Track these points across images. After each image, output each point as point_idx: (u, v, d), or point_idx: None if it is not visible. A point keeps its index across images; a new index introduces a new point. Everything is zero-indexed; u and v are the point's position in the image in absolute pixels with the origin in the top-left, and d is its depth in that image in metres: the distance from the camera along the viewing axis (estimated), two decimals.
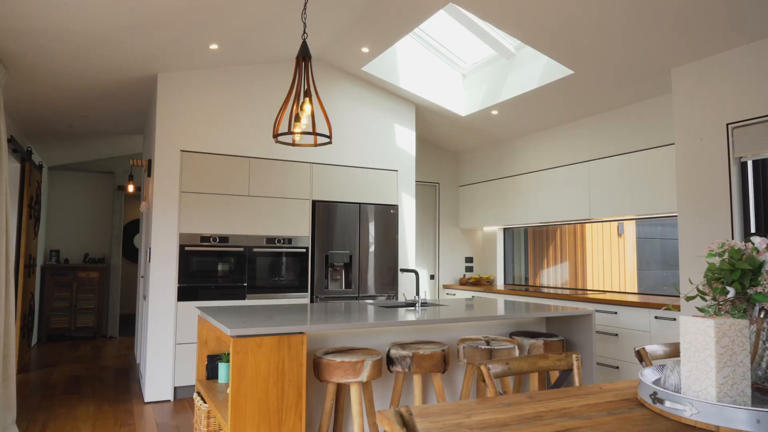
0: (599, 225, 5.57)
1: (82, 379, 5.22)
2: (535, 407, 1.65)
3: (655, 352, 2.17)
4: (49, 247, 7.74)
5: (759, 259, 1.65)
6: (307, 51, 3.29)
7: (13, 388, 3.62)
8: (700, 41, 3.61)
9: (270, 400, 2.57)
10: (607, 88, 4.57)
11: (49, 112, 5.05)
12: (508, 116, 5.62)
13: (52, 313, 7.43)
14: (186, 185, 4.67)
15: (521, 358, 1.99)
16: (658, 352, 2.17)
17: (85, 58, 4.00)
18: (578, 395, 1.80)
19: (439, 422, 1.50)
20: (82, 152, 7.26)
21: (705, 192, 3.77)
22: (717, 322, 1.52)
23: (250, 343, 2.54)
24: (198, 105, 4.76)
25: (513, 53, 5.14)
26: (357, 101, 5.54)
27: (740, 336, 1.53)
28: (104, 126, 5.93)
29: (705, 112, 3.79)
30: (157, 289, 4.53)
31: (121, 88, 4.79)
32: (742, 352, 1.53)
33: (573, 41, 3.93)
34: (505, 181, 6.28)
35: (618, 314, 4.46)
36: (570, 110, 5.19)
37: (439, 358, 2.95)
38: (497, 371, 1.90)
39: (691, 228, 3.83)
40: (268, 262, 4.97)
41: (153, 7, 3.40)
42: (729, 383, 1.51)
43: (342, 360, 2.72)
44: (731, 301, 1.70)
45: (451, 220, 7.01)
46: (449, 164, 7.11)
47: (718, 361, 1.50)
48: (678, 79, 4.00)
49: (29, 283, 5.99)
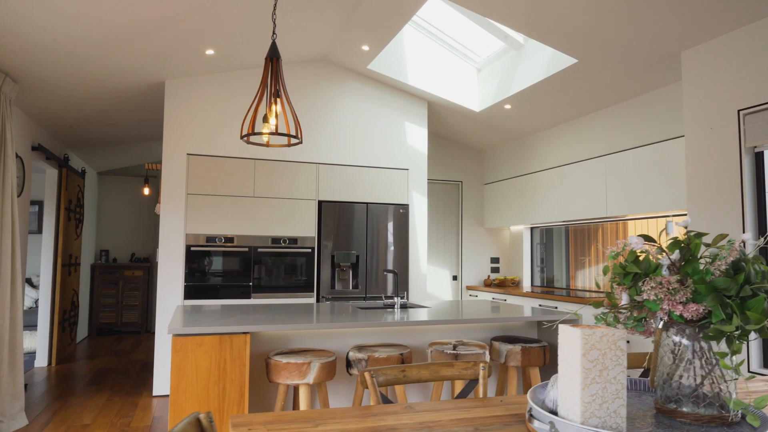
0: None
1: (108, 372, 5.54)
2: (401, 419, 1.54)
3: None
4: (99, 247, 8.30)
5: (654, 261, 1.44)
6: (276, 51, 3.28)
7: (21, 377, 3.90)
8: (710, 19, 3.25)
9: (211, 398, 2.58)
10: (616, 75, 4.24)
11: (77, 120, 5.40)
12: (521, 110, 5.36)
13: (101, 309, 7.95)
14: (192, 187, 4.83)
15: (422, 365, 1.87)
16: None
17: (91, 68, 4.23)
18: (466, 407, 1.66)
19: (278, 430, 1.43)
20: (126, 158, 7.72)
21: (716, 186, 3.39)
22: (584, 333, 1.34)
23: (191, 342, 2.57)
24: (203, 109, 4.91)
25: (522, 44, 4.89)
26: (364, 100, 5.49)
27: (614, 349, 1.35)
28: (132, 132, 6.26)
29: (715, 98, 3.42)
30: (165, 288, 4.71)
31: (135, 96, 5.04)
32: (616, 367, 1.35)
33: (573, 27, 3.68)
34: (528, 177, 6.00)
35: None
36: (583, 102, 4.86)
37: (396, 361, 2.85)
38: (386, 379, 1.79)
39: (702, 227, 3.47)
40: (273, 262, 5.04)
41: (147, 16, 3.54)
42: (597, 402, 1.33)
43: (288, 361, 2.69)
44: (631, 309, 1.50)
45: (476, 220, 6.80)
46: (473, 162, 6.89)
47: (584, 377, 1.33)
48: (688, 63, 3.63)
49: (71, 281, 6.44)
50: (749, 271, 1.30)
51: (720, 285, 1.30)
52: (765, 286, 1.29)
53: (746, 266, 1.31)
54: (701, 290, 1.31)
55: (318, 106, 5.32)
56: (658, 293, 1.35)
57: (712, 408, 1.37)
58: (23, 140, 4.83)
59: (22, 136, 4.79)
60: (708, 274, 1.34)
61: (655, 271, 1.43)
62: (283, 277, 5.06)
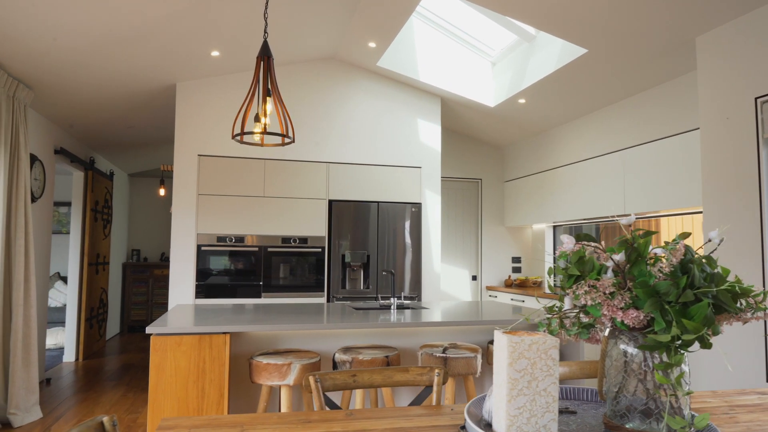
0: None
1: (130, 368, 5.70)
2: (333, 426, 1.47)
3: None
4: (130, 247, 8.57)
5: (598, 263, 1.32)
6: (268, 50, 3.27)
7: (35, 372, 4.04)
8: (725, 0, 3.02)
9: (190, 398, 2.58)
10: (628, 65, 4.01)
11: (98, 123, 5.57)
12: (535, 104, 5.17)
13: (132, 307, 8.21)
14: (203, 188, 4.90)
15: (375, 370, 1.79)
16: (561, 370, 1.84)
17: (101, 74, 4.35)
18: (409, 416, 1.58)
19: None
20: (151, 160, 7.93)
21: (732, 179, 3.15)
22: (511, 340, 1.24)
23: (169, 342, 2.58)
24: (213, 110, 4.97)
25: (534, 36, 4.71)
26: (376, 98, 5.42)
27: (544, 358, 1.24)
28: (153, 135, 6.42)
29: (731, 86, 3.17)
30: (177, 288, 4.79)
31: (149, 99, 5.15)
32: (546, 378, 1.24)
33: (579, 15, 3.50)
34: (548, 174, 5.79)
35: None
36: (599, 94, 4.64)
37: (380, 363, 2.78)
38: (334, 384, 1.73)
39: (718, 223, 3.23)
40: (283, 262, 5.04)
41: (151, 17, 3.60)
42: (525, 416, 1.22)
43: (268, 362, 2.67)
44: (578, 315, 1.38)
45: (496, 218, 6.62)
46: (493, 159, 6.71)
47: (510, 388, 1.23)
48: (703, 48, 3.39)
49: (98, 280, 6.67)
50: (694, 273, 1.17)
51: (660, 289, 1.17)
52: (712, 291, 1.16)
53: (692, 268, 1.18)
54: (639, 295, 1.18)
55: (329, 105, 5.29)
56: (595, 297, 1.23)
57: (661, 423, 1.24)
58: (45, 144, 5.02)
59: (44, 140, 4.97)
60: (651, 277, 1.21)
61: (599, 273, 1.31)
62: (293, 277, 5.07)
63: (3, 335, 3.88)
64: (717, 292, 1.15)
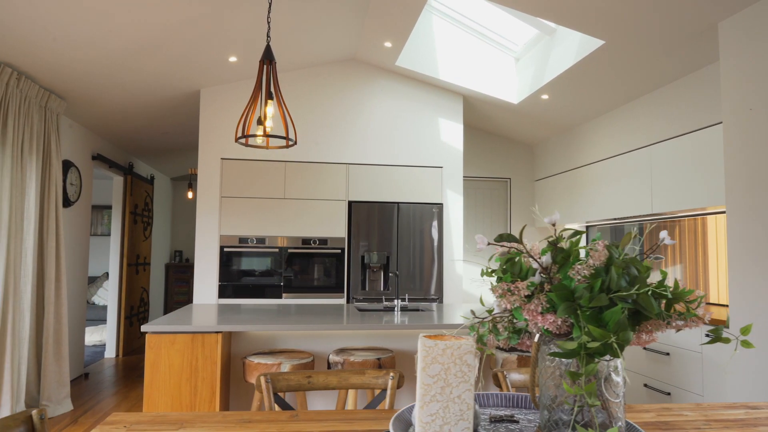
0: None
1: None
2: (269, 427, 1.47)
3: (517, 378, 1.76)
4: (173, 248, 8.93)
5: (527, 266, 1.25)
6: (271, 54, 3.32)
7: (66, 367, 4.27)
8: None
9: (183, 395, 2.66)
10: (648, 55, 3.79)
11: (133, 130, 5.84)
12: (558, 100, 4.99)
13: (174, 306, 8.56)
14: (226, 190, 5.03)
15: (331, 372, 1.78)
16: (518, 377, 1.76)
17: (129, 83, 4.55)
18: (353, 419, 1.56)
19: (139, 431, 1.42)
20: (188, 164, 8.24)
21: (757, 176, 2.92)
22: (425, 344, 1.19)
23: (164, 340, 2.66)
24: (235, 115, 5.09)
25: (554, 29, 4.55)
26: (395, 98, 5.40)
27: (459, 363, 1.19)
28: (186, 140, 6.66)
29: (756, 74, 2.94)
30: (201, 287, 4.95)
31: (176, 105, 5.35)
32: (462, 384, 1.18)
33: (594, 5, 3.35)
34: (576, 172, 5.57)
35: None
36: (621, 88, 4.42)
37: (371, 365, 2.76)
38: (288, 384, 1.72)
39: (742, 225, 3.00)
40: (303, 263, 5.11)
41: (167, 25, 3.75)
42: (437, 423, 1.18)
43: (259, 362, 2.70)
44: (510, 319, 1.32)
45: (526, 218, 6.43)
46: (523, 157, 6.53)
47: (423, 394, 1.19)
48: (726, 34, 3.16)
49: (139, 279, 6.99)
50: (611, 276, 1.08)
51: (576, 292, 1.10)
52: (631, 295, 1.07)
53: (611, 271, 1.09)
54: (553, 298, 1.11)
55: (349, 106, 5.31)
56: (513, 301, 1.17)
57: None
58: (82, 150, 5.31)
59: (80, 147, 5.27)
60: (570, 280, 1.13)
61: (525, 276, 1.24)
62: (313, 278, 5.12)
63: (36, 332, 4.13)
64: (637, 297, 1.06)
